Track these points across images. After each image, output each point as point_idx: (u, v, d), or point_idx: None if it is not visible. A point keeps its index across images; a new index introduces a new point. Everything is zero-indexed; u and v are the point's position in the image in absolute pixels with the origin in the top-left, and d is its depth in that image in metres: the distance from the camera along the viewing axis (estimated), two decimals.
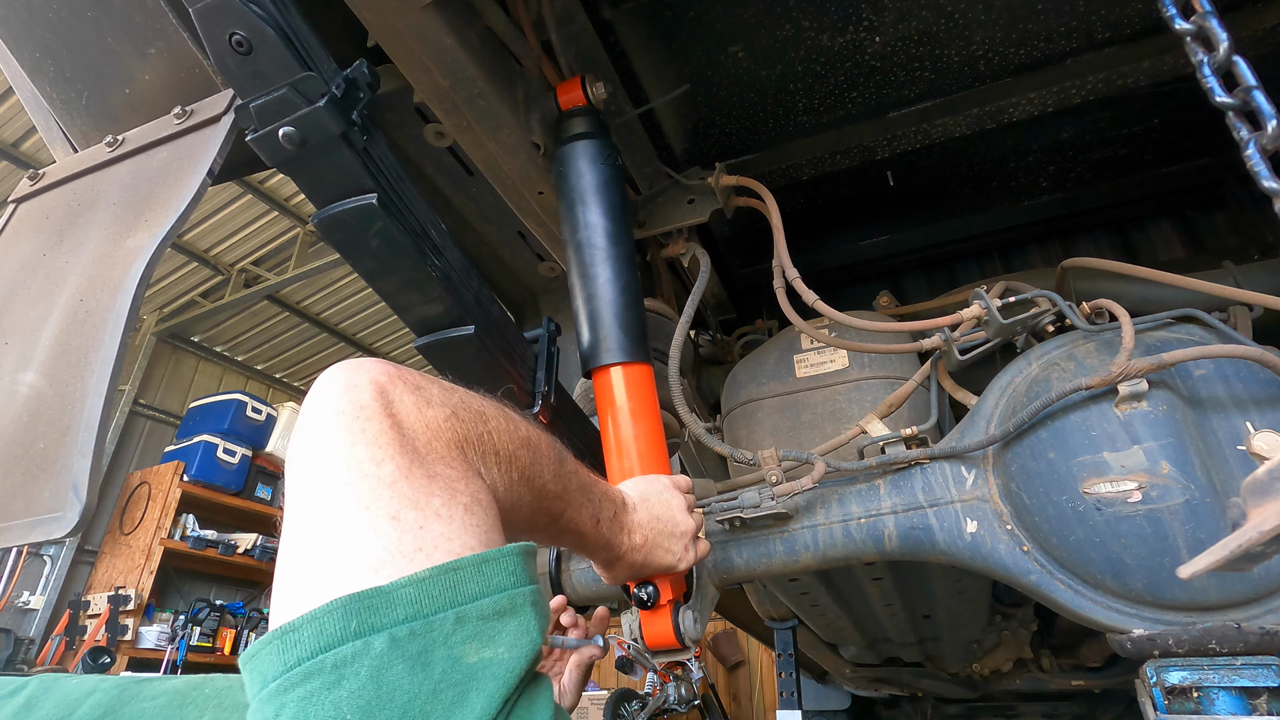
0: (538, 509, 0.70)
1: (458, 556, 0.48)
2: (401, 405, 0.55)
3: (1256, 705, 0.88)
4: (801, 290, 1.38)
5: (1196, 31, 0.84)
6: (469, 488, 0.55)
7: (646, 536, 0.94)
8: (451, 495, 0.53)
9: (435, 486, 0.52)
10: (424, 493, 0.51)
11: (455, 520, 0.51)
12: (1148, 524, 0.98)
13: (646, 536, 0.94)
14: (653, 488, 1.01)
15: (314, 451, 0.52)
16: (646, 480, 1.03)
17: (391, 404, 0.55)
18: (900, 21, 1.54)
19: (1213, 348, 1.03)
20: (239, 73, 0.80)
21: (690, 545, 1.01)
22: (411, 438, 0.54)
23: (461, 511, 0.52)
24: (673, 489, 1.03)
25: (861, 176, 2.04)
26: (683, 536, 1.00)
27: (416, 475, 0.52)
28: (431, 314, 1.04)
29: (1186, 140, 1.94)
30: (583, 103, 1.33)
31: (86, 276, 0.90)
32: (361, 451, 0.51)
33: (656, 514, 0.97)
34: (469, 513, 0.53)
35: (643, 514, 0.95)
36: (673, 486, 1.04)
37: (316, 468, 0.51)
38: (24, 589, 4.86)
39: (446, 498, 0.52)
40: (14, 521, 0.76)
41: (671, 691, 5.86)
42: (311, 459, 0.52)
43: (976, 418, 1.22)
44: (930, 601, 2.02)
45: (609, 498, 0.87)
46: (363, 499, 0.49)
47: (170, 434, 5.92)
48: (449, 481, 0.54)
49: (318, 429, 0.53)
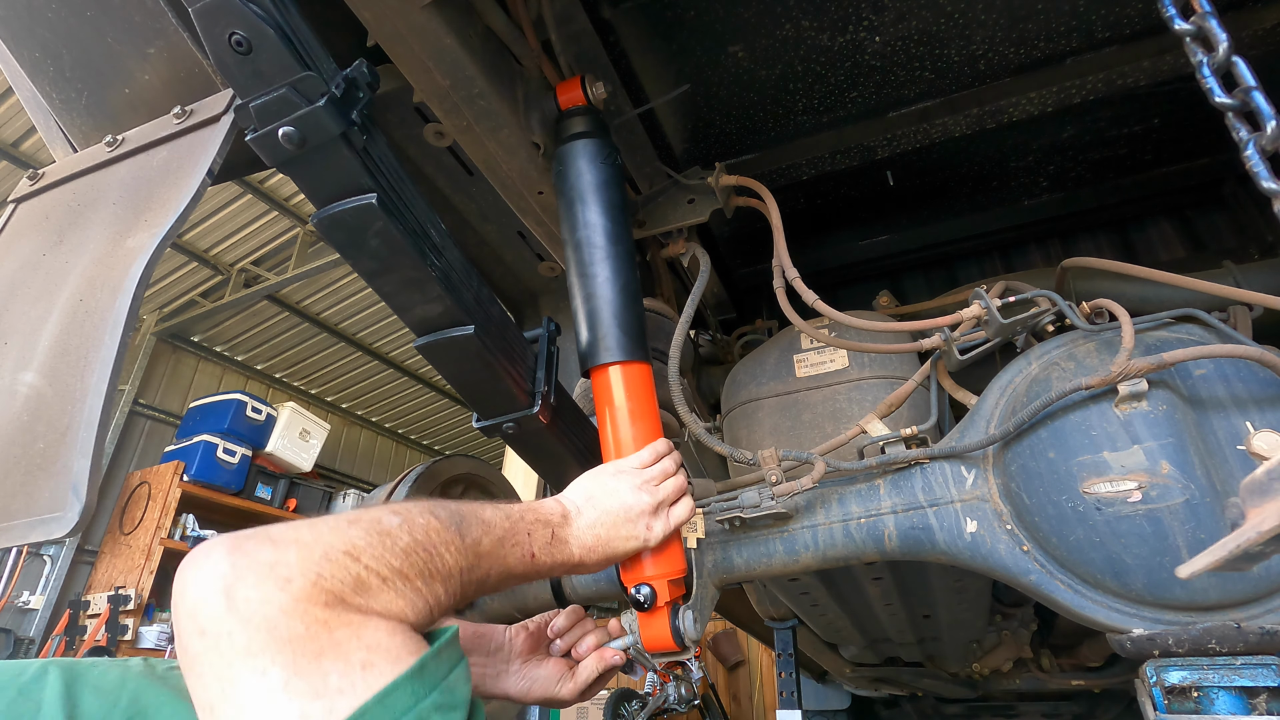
0: (461, 590, 0.71)
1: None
2: (257, 601, 0.53)
3: (1256, 705, 0.88)
4: (801, 290, 1.38)
5: (1196, 32, 0.84)
6: (362, 639, 0.56)
7: (598, 534, 0.95)
8: (346, 664, 0.53)
9: (326, 662, 0.53)
10: (317, 675, 0.52)
11: (358, 686, 0.52)
12: (1148, 524, 0.98)
13: (598, 534, 0.95)
14: (597, 481, 1.02)
15: (205, 676, 0.52)
16: (592, 475, 1.04)
17: (248, 604, 0.53)
18: (900, 21, 1.54)
19: (1213, 347, 1.03)
20: (239, 72, 0.80)
21: (653, 520, 1.01)
22: (282, 628, 0.53)
23: (360, 672, 0.53)
24: (619, 473, 1.04)
25: (861, 176, 2.04)
26: (640, 517, 1.00)
27: (304, 663, 0.52)
28: (431, 314, 1.04)
29: (1186, 140, 1.94)
30: (582, 102, 1.33)
31: (86, 276, 0.90)
32: (241, 668, 0.51)
33: (605, 507, 0.98)
34: (368, 669, 0.54)
35: (589, 515, 0.96)
36: (620, 470, 1.05)
37: (215, 695, 0.52)
38: (24, 589, 4.86)
39: (341, 668, 0.53)
40: (14, 521, 0.76)
41: (671, 691, 5.87)
42: (207, 683, 0.52)
43: (976, 417, 1.22)
44: (930, 601, 2.02)
45: (540, 524, 0.88)
46: (264, 713, 0.50)
47: (170, 434, 5.92)
48: (339, 647, 0.54)
49: (194, 656, 0.53)
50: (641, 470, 1.06)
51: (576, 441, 1.31)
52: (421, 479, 1.43)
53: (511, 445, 1.26)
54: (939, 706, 3.66)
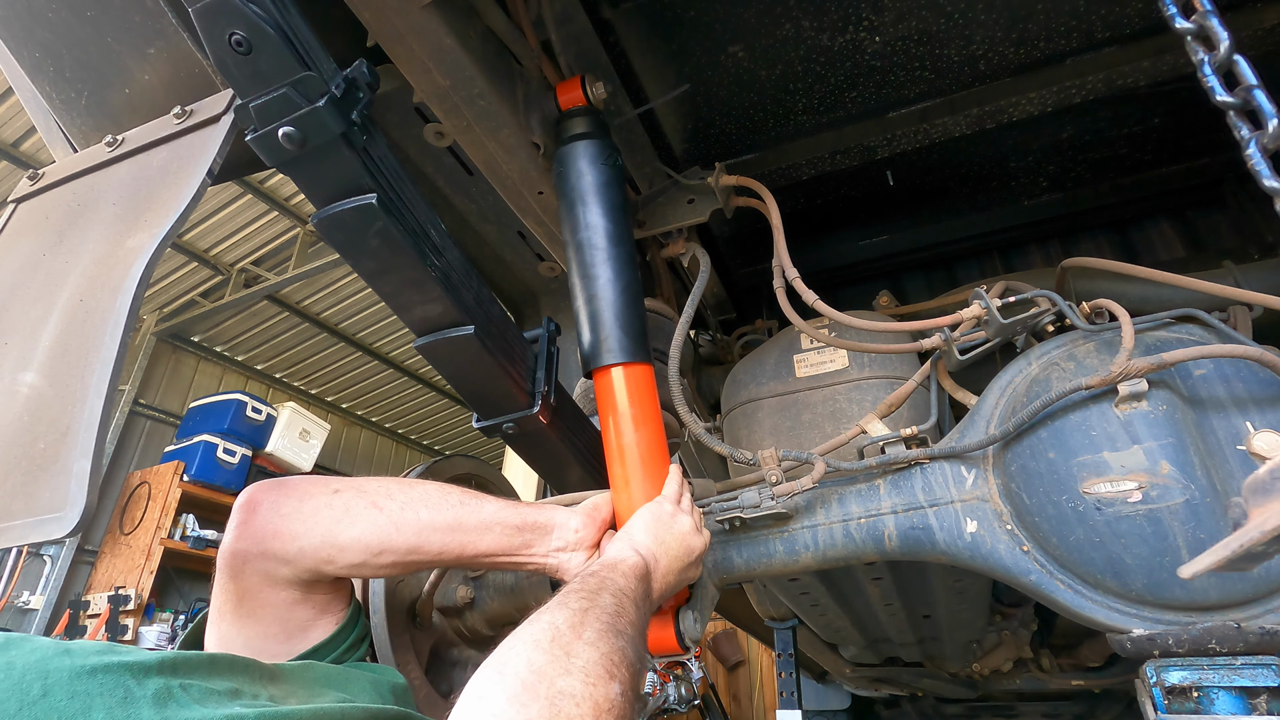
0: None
1: None
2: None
3: (1256, 705, 0.88)
4: (801, 290, 1.38)
5: (1197, 30, 0.84)
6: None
7: (669, 581, 0.98)
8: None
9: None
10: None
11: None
12: (1148, 524, 0.98)
13: (669, 581, 0.98)
14: (661, 525, 1.02)
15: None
16: (653, 516, 1.03)
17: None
18: (900, 21, 1.53)
19: (1213, 347, 1.03)
20: (239, 73, 0.79)
21: (702, 558, 1.05)
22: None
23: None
24: (678, 512, 1.05)
25: (861, 176, 2.04)
26: (700, 558, 1.05)
27: None
28: (431, 314, 1.04)
29: (1186, 140, 1.94)
30: (582, 103, 1.33)
31: (86, 276, 0.90)
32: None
33: (674, 553, 1.00)
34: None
35: (664, 562, 0.98)
36: (678, 509, 1.06)
37: None
38: (24, 589, 4.86)
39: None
40: (14, 521, 0.76)
41: (671, 691, 5.86)
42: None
43: (976, 417, 1.22)
44: (930, 601, 2.02)
45: (638, 588, 0.87)
46: None
47: (170, 434, 5.92)
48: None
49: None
50: (688, 507, 1.08)
51: (576, 441, 1.31)
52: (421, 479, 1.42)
53: (511, 445, 1.26)
54: (939, 706, 3.66)
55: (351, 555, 0.88)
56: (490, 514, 0.99)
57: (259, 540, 0.87)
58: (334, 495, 0.92)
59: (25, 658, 0.59)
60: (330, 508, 0.90)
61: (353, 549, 0.89)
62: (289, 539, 0.87)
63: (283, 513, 0.88)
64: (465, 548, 0.96)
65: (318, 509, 0.90)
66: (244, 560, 0.86)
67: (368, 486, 0.95)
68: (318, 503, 0.90)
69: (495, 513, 1.00)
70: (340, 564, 0.88)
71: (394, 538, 0.91)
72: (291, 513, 0.89)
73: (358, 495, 0.93)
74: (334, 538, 0.88)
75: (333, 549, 0.88)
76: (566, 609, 0.73)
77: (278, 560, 0.87)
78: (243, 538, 0.87)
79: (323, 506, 0.90)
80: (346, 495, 0.92)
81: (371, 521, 0.91)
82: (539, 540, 1.01)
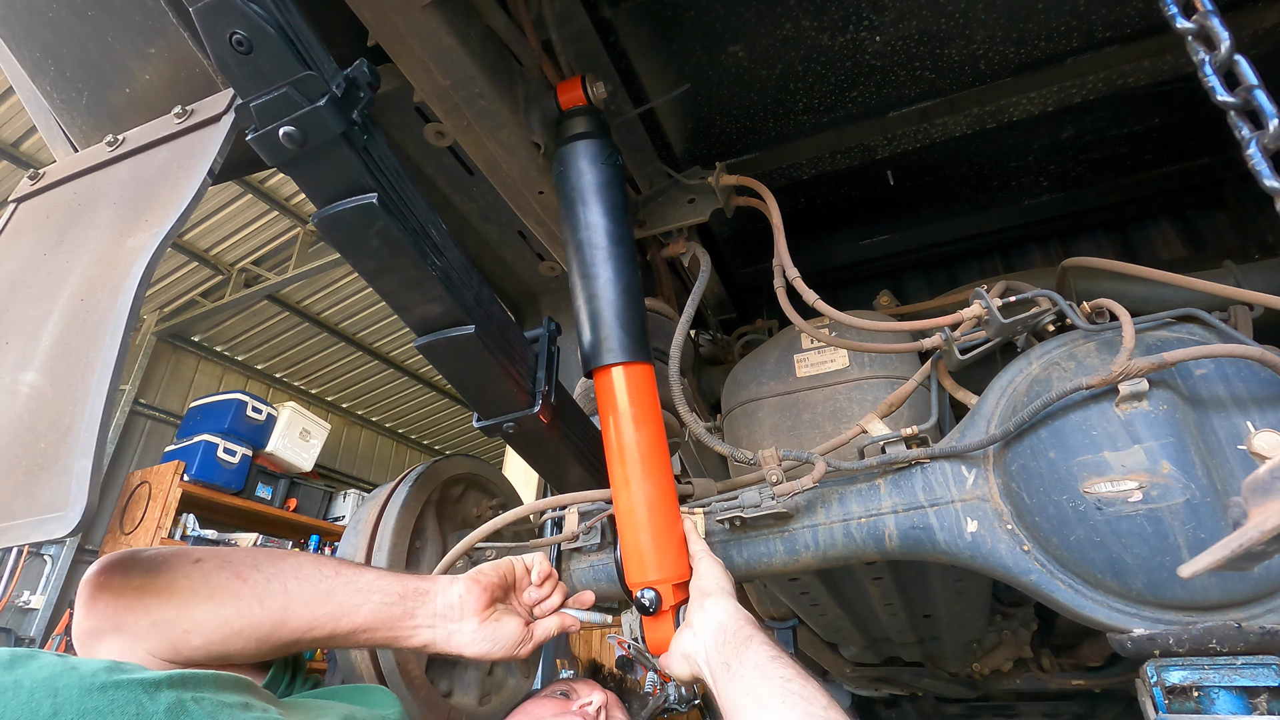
0: None
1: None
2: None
3: (1257, 705, 0.88)
4: (802, 290, 1.38)
5: (1198, 30, 0.84)
6: None
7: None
8: None
9: None
10: None
11: None
12: (1148, 523, 0.98)
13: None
14: (724, 570, 1.09)
15: None
16: (720, 566, 1.09)
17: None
18: (900, 21, 1.53)
19: (1213, 347, 1.03)
20: (239, 72, 0.79)
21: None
22: None
23: None
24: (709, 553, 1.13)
25: (862, 176, 2.04)
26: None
27: None
28: (431, 314, 1.04)
29: (1187, 140, 1.94)
30: (583, 102, 1.33)
31: (87, 276, 0.90)
32: None
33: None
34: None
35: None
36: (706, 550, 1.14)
37: None
38: (24, 589, 4.86)
39: None
40: (15, 521, 0.76)
41: (671, 691, 5.86)
42: None
43: (977, 417, 1.22)
44: (930, 601, 2.02)
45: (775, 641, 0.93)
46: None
47: (170, 434, 5.92)
48: None
49: None
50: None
51: (577, 441, 1.31)
52: (421, 479, 1.43)
53: (512, 445, 1.26)
54: (939, 706, 3.66)
55: (208, 631, 0.83)
56: (369, 581, 0.96)
57: (110, 615, 0.80)
58: (194, 565, 0.86)
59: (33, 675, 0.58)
60: (188, 578, 0.85)
61: (209, 623, 0.83)
62: (141, 613, 0.81)
63: (134, 585, 0.82)
64: (339, 621, 0.91)
65: (174, 579, 0.84)
66: (97, 639, 0.80)
67: (233, 557, 0.90)
68: (174, 574, 0.84)
69: (374, 580, 0.97)
70: (195, 643, 0.82)
71: (255, 611, 0.86)
72: (144, 585, 0.82)
73: (221, 566, 0.88)
74: (189, 610, 0.82)
75: (188, 622, 0.82)
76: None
77: (133, 636, 0.80)
78: (92, 615, 0.80)
79: (180, 577, 0.84)
80: (208, 565, 0.87)
81: (232, 593, 0.85)
82: (420, 607, 0.98)
